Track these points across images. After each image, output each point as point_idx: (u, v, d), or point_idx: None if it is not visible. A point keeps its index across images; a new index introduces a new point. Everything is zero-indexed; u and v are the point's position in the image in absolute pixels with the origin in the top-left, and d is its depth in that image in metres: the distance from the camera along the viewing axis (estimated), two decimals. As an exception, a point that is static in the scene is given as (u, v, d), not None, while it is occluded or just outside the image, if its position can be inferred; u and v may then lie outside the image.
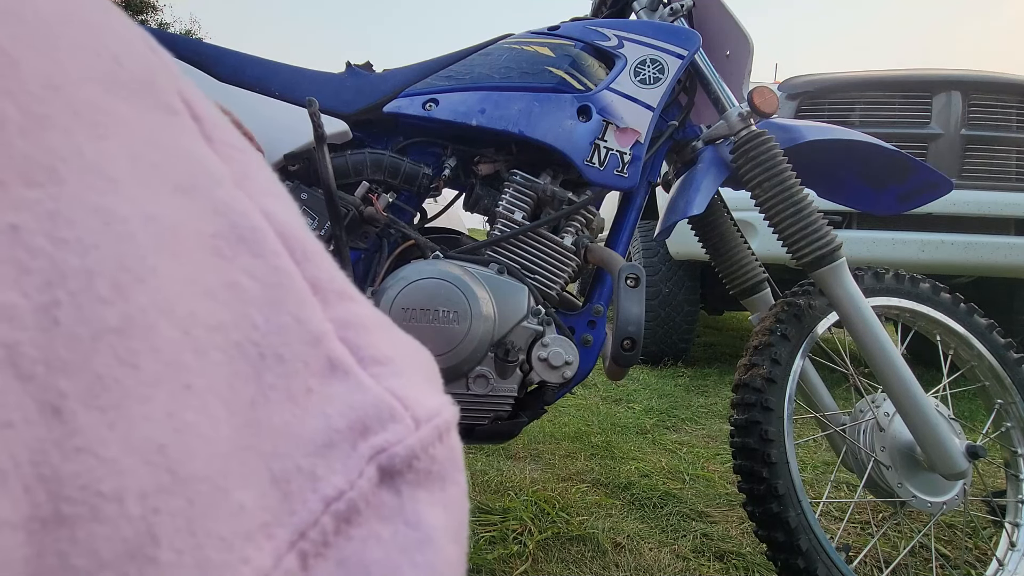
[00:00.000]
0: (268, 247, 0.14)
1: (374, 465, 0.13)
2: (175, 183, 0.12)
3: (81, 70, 0.12)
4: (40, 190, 0.10)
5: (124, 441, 0.10)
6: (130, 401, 0.10)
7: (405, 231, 0.91)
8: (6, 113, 0.10)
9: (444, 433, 0.15)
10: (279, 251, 0.14)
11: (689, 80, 1.03)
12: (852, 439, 0.97)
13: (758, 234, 2.13)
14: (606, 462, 1.57)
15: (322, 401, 0.13)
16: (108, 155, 0.12)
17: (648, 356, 2.73)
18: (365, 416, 0.14)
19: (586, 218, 0.96)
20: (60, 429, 0.09)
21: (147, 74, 0.13)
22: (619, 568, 1.06)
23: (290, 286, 0.14)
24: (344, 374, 0.14)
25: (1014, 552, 0.97)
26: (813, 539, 0.84)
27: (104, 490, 0.10)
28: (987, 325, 1.01)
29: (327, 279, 0.15)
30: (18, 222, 0.10)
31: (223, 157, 0.14)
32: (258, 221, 0.14)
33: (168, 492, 0.10)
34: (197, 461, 0.11)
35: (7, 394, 0.09)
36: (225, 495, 0.11)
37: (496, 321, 0.83)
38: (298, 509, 0.12)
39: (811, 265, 0.92)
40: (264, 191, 0.15)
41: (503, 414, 0.89)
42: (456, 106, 0.90)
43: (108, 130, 0.12)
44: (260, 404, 0.12)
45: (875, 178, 1.11)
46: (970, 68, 2.86)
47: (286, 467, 0.12)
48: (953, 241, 2.15)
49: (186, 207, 0.12)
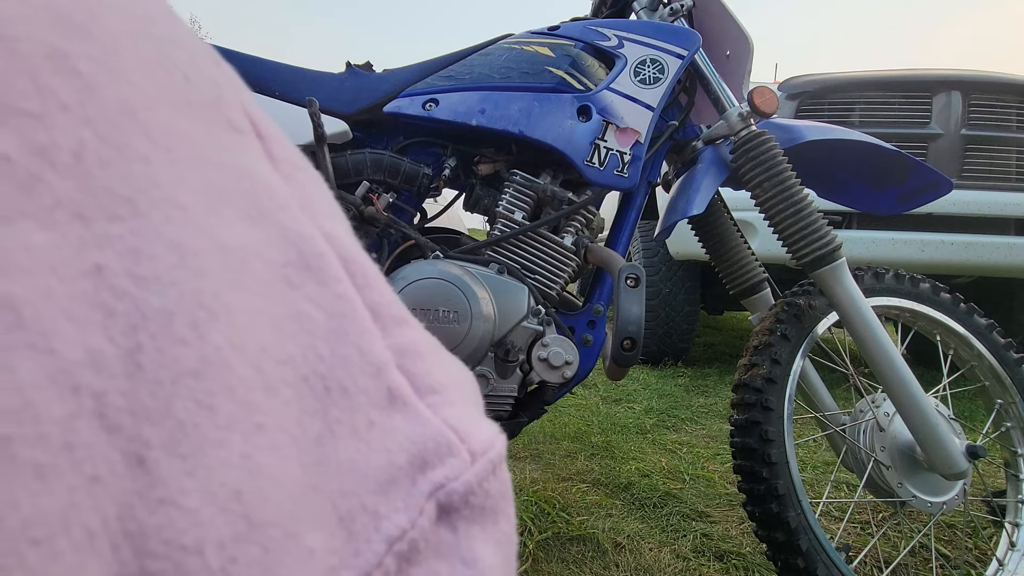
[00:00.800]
0: (332, 274, 0.13)
1: (433, 502, 0.13)
2: (244, 209, 0.12)
3: (154, 91, 0.12)
4: (121, 225, 0.10)
5: (203, 489, 0.10)
6: (208, 446, 0.10)
7: (405, 231, 0.91)
8: (86, 143, 0.10)
9: (497, 466, 0.15)
10: (342, 277, 0.14)
11: (689, 80, 1.03)
12: (852, 439, 0.97)
13: (758, 234, 2.13)
14: (606, 462, 1.57)
15: (383, 435, 0.13)
16: (181, 183, 0.11)
17: (648, 356, 2.73)
18: (424, 450, 0.13)
19: (586, 218, 0.96)
20: (144, 480, 0.09)
21: (214, 91, 0.13)
22: (619, 568, 1.06)
23: (352, 315, 0.14)
24: (403, 405, 0.14)
25: (1014, 552, 0.97)
26: (813, 539, 0.84)
27: (186, 543, 0.09)
28: (987, 325, 1.01)
29: (386, 304, 0.15)
30: (103, 261, 0.10)
31: (286, 178, 0.14)
32: (322, 246, 0.14)
33: (244, 540, 0.10)
34: (270, 506, 0.11)
35: (95, 447, 0.09)
36: (296, 540, 0.11)
37: (496, 321, 0.83)
38: (363, 550, 0.12)
39: (811, 265, 0.92)
40: (325, 212, 0.15)
41: (503, 414, 0.89)
42: (456, 106, 0.90)
43: (180, 155, 0.12)
44: (327, 440, 0.12)
45: (875, 178, 1.11)
46: (970, 68, 2.86)
47: (351, 506, 0.12)
48: (953, 241, 2.15)
49: (255, 235, 0.12)
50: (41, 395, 0.08)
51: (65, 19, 0.11)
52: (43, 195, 0.09)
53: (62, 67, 0.10)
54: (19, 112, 0.09)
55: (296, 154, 0.15)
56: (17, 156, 0.09)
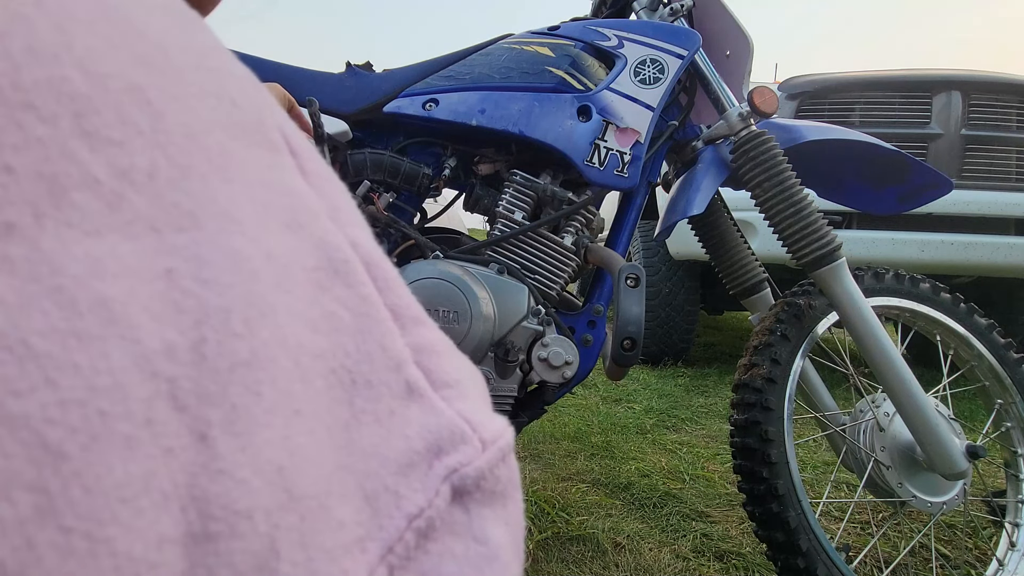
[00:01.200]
0: (357, 277, 0.15)
1: (448, 484, 0.14)
2: (284, 221, 0.14)
3: (210, 116, 0.13)
4: (186, 235, 0.12)
5: (253, 464, 0.11)
6: (256, 427, 0.12)
7: (405, 231, 0.91)
8: (158, 164, 0.12)
9: (507, 454, 0.16)
10: (365, 281, 0.15)
11: (689, 80, 1.03)
12: (852, 439, 0.97)
13: (758, 234, 2.13)
14: (606, 462, 1.57)
15: (403, 423, 0.14)
16: (234, 198, 0.13)
17: (648, 356, 2.73)
18: (439, 438, 0.15)
19: (586, 218, 0.96)
20: (206, 453, 0.11)
21: (256, 114, 0.15)
22: (619, 568, 1.06)
23: (375, 315, 0.15)
24: (420, 397, 0.15)
25: (1014, 552, 0.97)
26: (813, 539, 0.84)
27: (240, 508, 0.11)
28: (987, 325, 1.01)
29: (404, 305, 0.16)
30: (172, 266, 0.11)
31: (317, 190, 0.16)
32: (348, 252, 0.15)
33: (286, 509, 0.12)
34: (307, 480, 0.12)
35: (169, 424, 0.10)
36: (328, 512, 0.12)
37: (496, 321, 0.83)
38: (386, 525, 0.13)
39: (811, 265, 0.92)
40: (350, 221, 0.16)
41: (503, 414, 0.88)
42: (456, 106, 0.90)
43: (232, 174, 0.13)
44: (353, 426, 0.14)
45: (875, 178, 1.11)
46: (970, 68, 2.86)
47: (375, 486, 0.14)
48: (953, 241, 2.15)
49: (294, 243, 0.14)
50: (129, 378, 0.10)
51: (141, 55, 0.12)
52: (125, 211, 0.11)
53: (138, 98, 0.12)
54: (107, 140, 0.11)
55: (324, 166, 0.17)
56: (105, 178, 0.11)
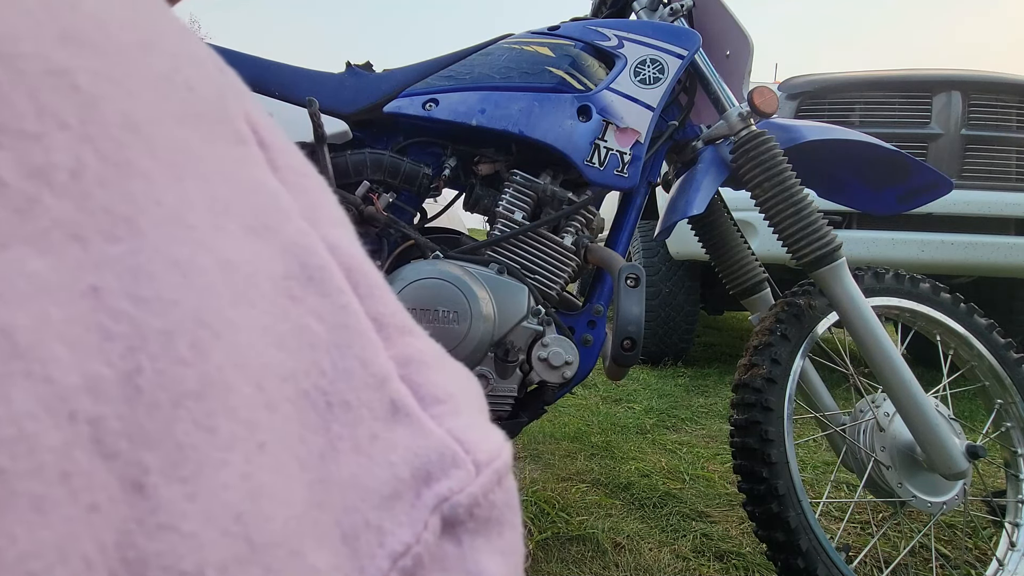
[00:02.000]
0: (334, 284, 0.13)
1: (437, 515, 0.13)
2: (248, 223, 0.12)
3: (158, 103, 0.12)
4: (121, 245, 0.10)
5: (204, 513, 0.10)
6: (208, 468, 0.10)
7: (405, 231, 0.91)
8: (85, 162, 0.10)
9: (503, 477, 0.15)
10: (344, 288, 0.14)
11: (689, 80, 1.03)
12: (852, 439, 0.97)
13: (758, 234, 2.13)
14: (606, 462, 1.57)
15: (386, 448, 0.13)
16: (185, 199, 0.11)
17: (648, 356, 2.73)
18: (428, 463, 0.13)
19: (586, 218, 0.96)
20: (143, 506, 0.09)
21: (218, 100, 0.13)
22: (619, 568, 1.06)
23: (355, 326, 0.13)
24: (406, 417, 0.14)
25: (1014, 552, 0.97)
26: (813, 539, 0.84)
27: (186, 568, 0.09)
28: (987, 325, 1.01)
29: (389, 313, 0.15)
30: (100, 283, 0.10)
31: (289, 186, 0.14)
32: (324, 257, 0.13)
33: (247, 562, 0.10)
34: (273, 525, 0.11)
35: (93, 475, 0.09)
36: (300, 559, 0.11)
37: (496, 321, 0.83)
38: (367, 567, 0.12)
39: (811, 265, 0.92)
40: (328, 220, 0.14)
41: (503, 414, 0.89)
42: (456, 106, 0.90)
43: (184, 170, 0.11)
44: (329, 456, 0.12)
45: (875, 178, 1.11)
46: (970, 68, 2.86)
47: (355, 522, 0.12)
48: (953, 241, 2.15)
49: (259, 249, 0.12)
50: (37, 424, 0.08)
51: (70, 33, 0.10)
52: (40, 218, 0.09)
53: (62, 83, 0.10)
54: (17, 133, 0.09)
55: (299, 160, 0.15)
56: (13, 179, 0.09)
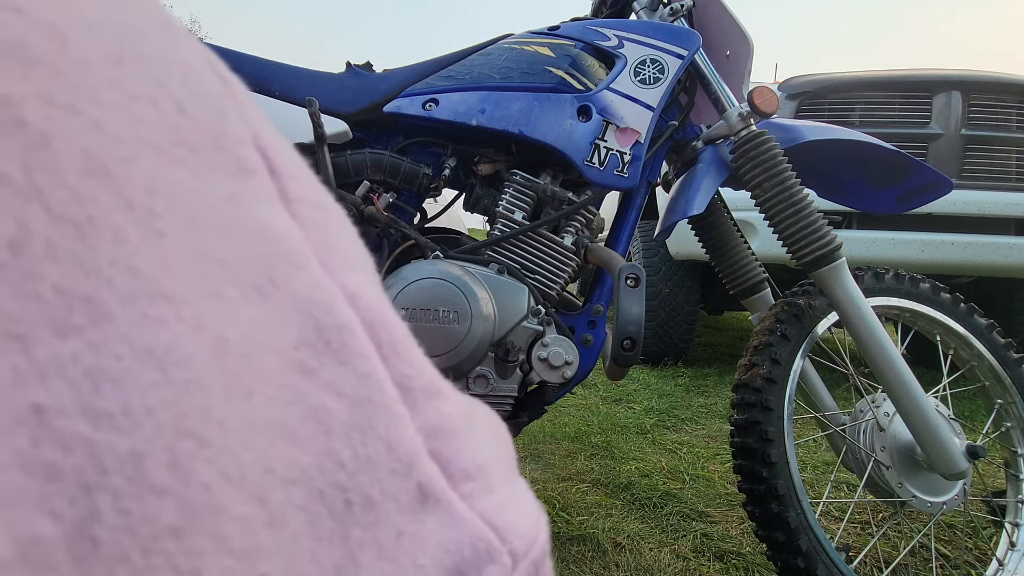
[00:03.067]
0: (356, 348, 0.11)
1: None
2: (250, 282, 0.10)
3: (135, 134, 0.09)
4: (77, 339, 0.08)
5: None
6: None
7: (405, 231, 0.91)
8: (32, 227, 0.08)
9: (540, 567, 0.13)
10: (367, 351, 0.12)
11: (689, 80, 1.03)
12: (852, 439, 0.97)
13: (758, 234, 2.13)
14: (606, 462, 1.57)
15: (414, 547, 0.11)
16: (168, 261, 0.09)
17: (648, 356, 2.73)
18: (461, 561, 0.12)
19: (586, 218, 0.96)
20: None
21: (217, 121, 0.11)
22: (619, 568, 1.06)
23: (379, 399, 0.11)
24: (436, 503, 0.12)
25: (1014, 552, 0.97)
26: (813, 539, 0.84)
27: None
28: (987, 325, 1.01)
29: (416, 375, 0.13)
30: (45, 400, 0.07)
31: (304, 223, 0.12)
32: (344, 313, 0.11)
33: None
34: None
35: None
36: None
37: (496, 321, 0.83)
38: None
39: (811, 265, 0.92)
40: (348, 263, 0.12)
41: (503, 414, 0.89)
42: (456, 106, 0.90)
43: (167, 223, 0.09)
44: (348, 571, 0.10)
45: (875, 178, 1.11)
46: (970, 68, 2.86)
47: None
48: (953, 241, 2.15)
49: (264, 314, 0.10)
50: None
51: (14, 49, 0.08)
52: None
53: (4, 118, 0.08)
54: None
55: (315, 188, 0.13)
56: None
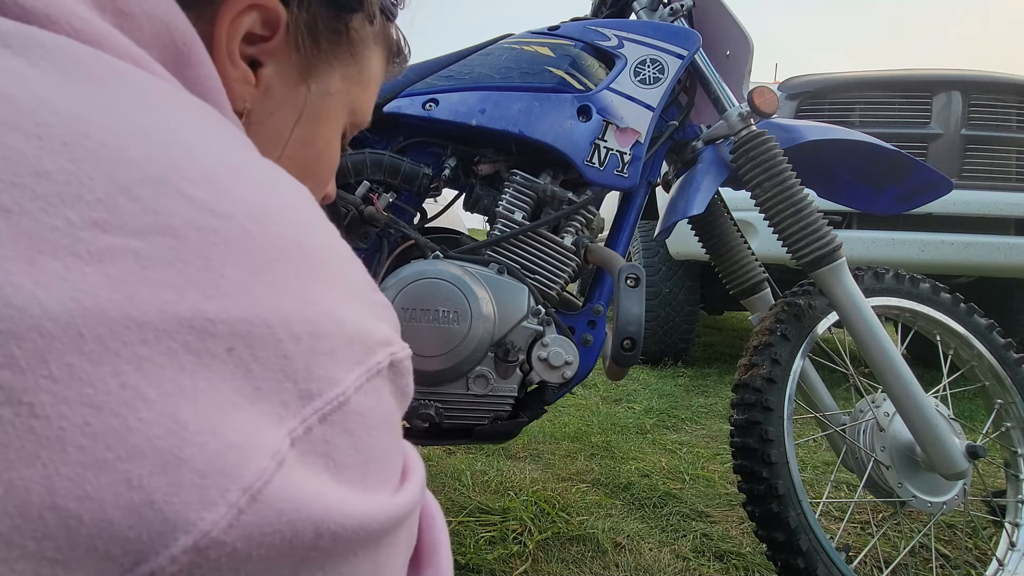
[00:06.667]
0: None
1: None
2: None
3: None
4: None
5: None
6: None
7: (405, 231, 0.91)
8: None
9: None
10: None
11: (689, 80, 1.03)
12: (852, 439, 0.97)
13: (758, 234, 2.13)
14: (606, 462, 1.57)
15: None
16: None
17: (648, 356, 2.73)
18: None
19: (586, 218, 0.96)
20: None
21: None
22: (619, 568, 1.06)
23: None
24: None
25: (1014, 552, 0.97)
26: (813, 539, 0.84)
27: None
28: (987, 325, 1.01)
29: None
30: None
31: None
32: None
33: None
34: None
35: None
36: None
37: (496, 321, 0.83)
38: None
39: (811, 265, 0.92)
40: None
41: (503, 414, 0.89)
42: (456, 106, 0.90)
43: None
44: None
45: (875, 178, 1.11)
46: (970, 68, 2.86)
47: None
48: (953, 241, 2.15)
49: None
50: None
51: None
52: None
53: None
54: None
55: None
56: None
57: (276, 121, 0.36)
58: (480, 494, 1.32)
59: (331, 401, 0.20)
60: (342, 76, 0.39)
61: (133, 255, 0.17)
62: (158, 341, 0.17)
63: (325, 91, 0.38)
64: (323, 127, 0.39)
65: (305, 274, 0.21)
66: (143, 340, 0.16)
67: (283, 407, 0.19)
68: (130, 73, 0.22)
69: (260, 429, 0.18)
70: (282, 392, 0.19)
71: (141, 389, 0.16)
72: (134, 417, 0.16)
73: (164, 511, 0.16)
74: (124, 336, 0.16)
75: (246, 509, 0.17)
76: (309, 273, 0.21)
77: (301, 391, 0.19)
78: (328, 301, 0.21)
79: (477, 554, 1.07)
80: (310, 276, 0.21)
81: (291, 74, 0.36)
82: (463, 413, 0.87)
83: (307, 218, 0.23)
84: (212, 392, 0.17)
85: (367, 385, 0.22)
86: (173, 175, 0.19)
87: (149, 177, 0.19)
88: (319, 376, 0.20)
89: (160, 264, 0.18)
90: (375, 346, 0.23)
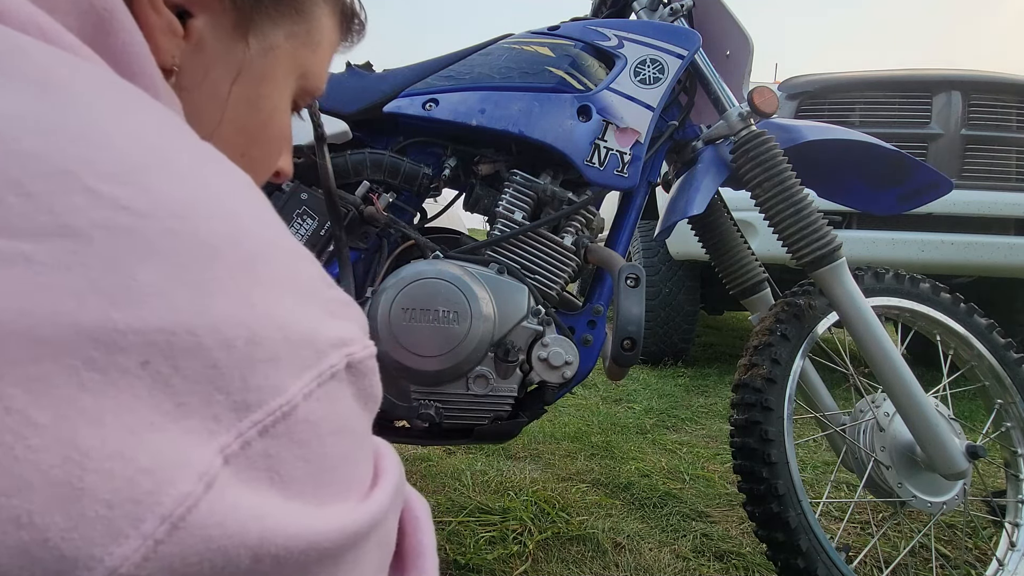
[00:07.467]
0: None
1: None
2: None
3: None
4: None
5: None
6: None
7: (405, 231, 0.91)
8: None
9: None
10: None
11: (689, 80, 1.03)
12: (852, 439, 0.97)
13: (758, 234, 2.13)
14: (606, 462, 1.57)
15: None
16: None
17: (648, 356, 2.73)
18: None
19: (586, 218, 0.96)
20: None
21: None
22: (619, 568, 1.06)
23: None
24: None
25: (1014, 552, 0.97)
26: (813, 539, 0.84)
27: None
28: (987, 325, 1.01)
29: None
30: None
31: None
32: None
33: None
34: None
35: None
36: None
37: (496, 321, 0.83)
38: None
39: (811, 265, 0.92)
40: None
41: (503, 414, 0.89)
42: (456, 106, 0.90)
43: None
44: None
45: (875, 178, 1.11)
46: (970, 68, 2.86)
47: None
48: (953, 241, 2.15)
49: None
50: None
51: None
52: None
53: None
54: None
55: None
56: None
57: (212, 81, 0.33)
58: (480, 494, 1.32)
59: (273, 412, 0.18)
60: (287, 34, 0.35)
61: (23, 260, 0.15)
62: (53, 359, 0.15)
63: (268, 48, 0.34)
64: (269, 87, 0.35)
65: (240, 274, 0.19)
66: (33, 358, 0.15)
67: (214, 422, 0.17)
68: (33, 49, 0.20)
69: (184, 449, 0.16)
70: (212, 406, 0.17)
71: (29, 413, 0.14)
72: (22, 445, 0.14)
73: (61, 549, 0.14)
74: (10, 354, 0.15)
75: (165, 539, 0.15)
76: (245, 272, 0.19)
77: (236, 403, 0.18)
78: (268, 303, 0.19)
79: (477, 554, 1.07)
80: (246, 276, 0.19)
81: (227, 27, 0.32)
82: (463, 413, 0.87)
83: (245, 210, 0.21)
84: (122, 412, 0.16)
85: (319, 391, 0.20)
86: (80, 169, 0.17)
87: (48, 172, 0.17)
88: (258, 385, 0.18)
89: (56, 269, 0.16)
90: (327, 348, 0.21)
